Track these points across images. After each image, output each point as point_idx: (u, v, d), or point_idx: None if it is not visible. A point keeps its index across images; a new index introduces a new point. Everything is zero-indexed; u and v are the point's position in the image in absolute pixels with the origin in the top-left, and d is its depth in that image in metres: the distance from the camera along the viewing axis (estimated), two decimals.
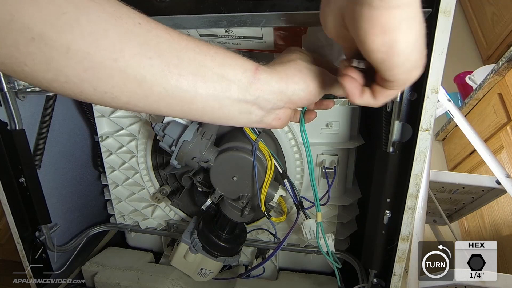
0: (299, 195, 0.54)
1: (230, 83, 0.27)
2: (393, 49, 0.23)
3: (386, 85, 0.27)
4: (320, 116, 0.53)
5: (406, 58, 0.24)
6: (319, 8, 0.28)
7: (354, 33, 0.24)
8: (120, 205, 0.71)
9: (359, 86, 0.29)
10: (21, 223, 0.57)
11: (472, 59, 1.80)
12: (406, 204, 0.43)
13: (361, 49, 0.25)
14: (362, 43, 0.23)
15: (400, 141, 0.42)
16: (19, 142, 0.53)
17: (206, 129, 0.50)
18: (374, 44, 0.23)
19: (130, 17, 0.23)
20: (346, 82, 0.28)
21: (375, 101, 0.29)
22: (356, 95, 0.29)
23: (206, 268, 0.60)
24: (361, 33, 0.23)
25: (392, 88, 0.28)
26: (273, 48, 0.42)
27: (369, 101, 0.29)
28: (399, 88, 0.28)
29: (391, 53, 0.23)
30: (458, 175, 0.79)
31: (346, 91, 0.28)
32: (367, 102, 0.29)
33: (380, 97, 0.29)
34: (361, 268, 0.59)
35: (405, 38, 0.23)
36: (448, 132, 1.53)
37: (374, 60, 0.24)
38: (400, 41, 0.22)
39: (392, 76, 0.25)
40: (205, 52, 0.26)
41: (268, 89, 0.28)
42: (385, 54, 0.23)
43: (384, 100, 0.30)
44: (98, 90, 0.23)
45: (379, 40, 0.23)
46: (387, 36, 0.22)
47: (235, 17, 0.36)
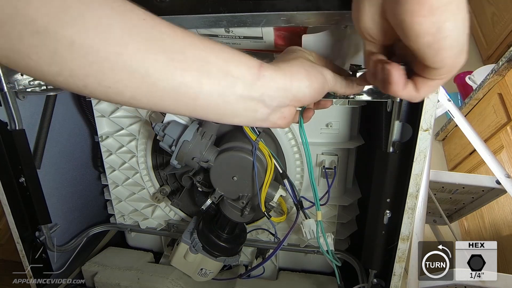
0: (298, 195, 0.54)
1: (235, 80, 0.26)
2: (442, 31, 0.22)
3: (430, 74, 0.26)
4: (320, 116, 0.53)
5: (455, 40, 0.23)
6: (319, 8, 0.28)
7: (398, 19, 0.23)
8: (120, 205, 0.71)
9: (404, 76, 0.28)
10: (21, 223, 0.57)
11: (472, 59, 1.80)
12: (406, 204, 0.43)
13: (405, 37, 0.24)
14: (408, 27, 0.23)
15: (400, 141, 0.42)
16: (19, 142, 0.53)
17: (206, 129, 0.50)
18: (422, 26, 0.22)
19: (135, 13, 0.23)
20: (394, 69, 0.27)
21: (417, 93, 0.28)
22: (400, 85, 0.27)
23: (206, 268, 0.60)
24: (407, 16, 0.22)
25: (436, 78, 0.27)
26: (273, 48, 0.42)
27: (411, 93, 0.28)
28: (443, 77, 0.27)
29: (439, 36, 0.22)
30: (458, 175, 0.79)
31: (391, 80, 0.27)
32: (409, 95, 0.28)
33: (423, 88, 0.28)
34: (361, 268, 0.59)
35: (455, 18, 0.22)
36: (448, 132, 1.53)
37: (421, 45, 0.23)
38: (449, 20, 0.22)
39: (439, 62, 0.24)
40: (210, 49, 0.26)
41: (273, 86, 0.28)
42: (433, 36, 0.22)
43: (427, 92, 0.28)
44: (102, 84, 0.23)
45: (427, 21, 0.22)
46: (436, 16, 0.22)
47: (235, 17, 0.36)
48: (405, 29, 0.23)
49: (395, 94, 0.28)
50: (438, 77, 0.27)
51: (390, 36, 0.27)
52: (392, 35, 0.27)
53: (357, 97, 0.40)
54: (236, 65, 0.27)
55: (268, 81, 0.28)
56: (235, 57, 0.27)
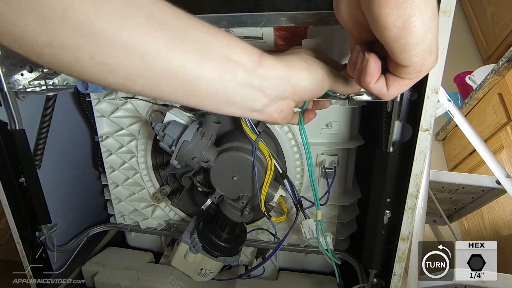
0: (298, 195, 0.54)
1: (236, 66, 0.26)
2: (408, 25, 0.22)
3: (400, 72, 0.27)
4: (320, 116, 0.53)
5: (421, 36, 0.23)
6: (319, 8, 0.28)
7: (367, 9, 0.24)
8: (120, 205, 0.71)
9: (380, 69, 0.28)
10: (21, 223, 0.57)
11: (472, 59, 1.80)
12: (406, 204, 0.43)
13: (375, 29, 0.24)
14: (376, 19, 0.23)
15: (400, 141, 0.42)
16: (19, 142, 0.53)
17: (206, 129, 0.50)
18: (388, 18, 0.22)
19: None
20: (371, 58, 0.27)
21: (387, 91, 0.29)
22: (374, 77, 0.28)
23: (206, 268, 0.60)
24: (375, 7, 0.23)
25: (405, 76, 0.27)
26: (273, 48, 0.42)
27: (382, 89, 0.29)
28: (412, 76, 0.27)
29: (405, 30, 0.23)
30: (458, 175, 0.79)
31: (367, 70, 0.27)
32: (379, 90, 0.29)
33: (393, 86, 0.28)
34: (361, 268, 0.59)
35: (421, 13, 0.22)
36: (448, 132, 1.53)
37: (388, 39, 0.24)
38: (415, 15, 0.22)
39: (406, 59, 0.25)
40: (212, 33, 0.25)
41: (274, 75, 0.28)
42: (399, 30, 0.23)
43: (396, 91, 0.29)
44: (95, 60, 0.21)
45: (393, 13, 0.22)
46: (401, 10, 0.22)
47: (235, 17, 0.36)
48: (373, 20, 0.24)
49: (367, 86, 0.28)
50: (407, 76, 0.27)
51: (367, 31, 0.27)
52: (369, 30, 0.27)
53: (357, 97, 0.40)
54: (238, 51, 0.26)
55: (268, 69, 0.27)
56: (237, 43, 0.26)
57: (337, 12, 0.28)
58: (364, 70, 0.28)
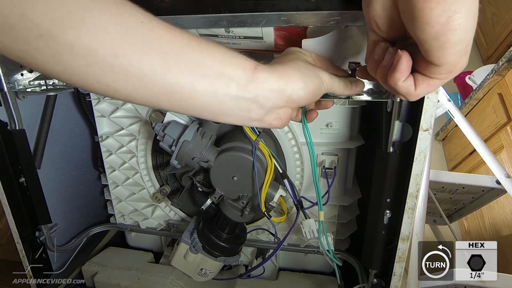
0: (298, 195, 0.54)
1: (229, 81, 0.27)
2: (452, 21, 0.22)
3: (431, 71, 0.26)
4: (320, 116, 0.53)
5: (462, 36, 0.22)
6: (319, 8, 0.28)
7: (410, 5, 0.23)
8: (120, 205, 0.71)
9: (410, 67, 0.27)
10: (21, 223, 0.57)
11: (472, 59, 1.80)
12: (406, 204, 0.43)
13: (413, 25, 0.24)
14: (418, 14, 0.23)
15: (400, 141, 0.42)
16: (19, 142, 0.53)
17: (206, 129, 0.50)
18: (432, 13, 0.22)
19: (133, 16, 0.24)
20: (404, 55, 0.26)
21: (415, 90, 0.28)
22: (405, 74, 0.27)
23: (206, 268, 0.60)
24: (419, 2, 0.22)
25: (436, 76, 0.26)
26: (273, 48, 0.42)
27: (409, 88, 0.28)
28: (443, 76, 0.26)
29: (448, 27, 0.22)
30: (458, 175, 0.79)
31: (398, 67, 0.27)
32: (407, 89, 0.28)
33: (421, 86, 0.28)
34: (361, 268, 0.59)
35: (466, 10, 0.21)
36: (448, 132, 1.53)
37: (428, 35, 0.23)
38: (461, 12, 0.21)
39: (442, 57, 0.24)
40: (206, 50, 0.26)
41: (267, 88, 0.28)
42: (442, 27, 0.22)
43: (424, 91, 0.28)
44: (101, 83, 0.24)
45: (438, 8, 0.21)
46: (447, 5, 0.21)
47: (235, 17, 0.36)
48: (415, 15, 0.23)
49: (395, 83, 0.28)
50: (438, 76, 0.27)
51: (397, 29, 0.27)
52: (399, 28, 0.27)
53: (357, 97, 0.40)
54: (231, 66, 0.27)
55: (262, 82, 0.28)
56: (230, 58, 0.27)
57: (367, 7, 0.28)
58: (394, 67, 0.27)
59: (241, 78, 0.27)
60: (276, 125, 0.32)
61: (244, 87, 0.28)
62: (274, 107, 0.30)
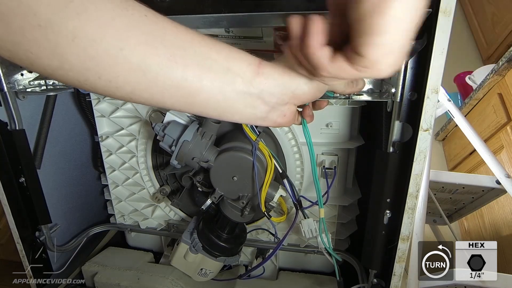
0: (298, 195, 0.54)
1: (235, 76, 0.27)
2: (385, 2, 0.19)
3: (350, 57, 0.23)
4: (320, 116, 0.53)
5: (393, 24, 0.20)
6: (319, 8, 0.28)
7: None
8: (120, 205, 0.71)
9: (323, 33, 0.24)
10: (21, 223, 0.57)
11: (472, 59, 1.80)
12: (406, 204, 0.43)
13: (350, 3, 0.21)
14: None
15: (400, 141, 0.42)
16: (19, 142, 0.53)
17: (206, 129, 0.50)
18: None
19: (137, 9, 0.23)
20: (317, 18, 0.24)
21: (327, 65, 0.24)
22: (315, 38, 0.24)
23: (206, 268, 0.60)
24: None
25: (352, 64, 0.23)
26: (273, 48, 0.42)
27: (321, 60, 0.24)
28: (359, 68, 0.23)
29: (380, 8, 0.19)
30: (458, 175, 0.79)
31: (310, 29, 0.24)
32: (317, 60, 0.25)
33: (335, 65, 0.24)
34: (361, 268, 0.59)
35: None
36: (448, 132, 1.53)
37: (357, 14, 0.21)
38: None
39: (364, 45, 0.21)
40: (211, 46, 0.26)
41: (272, 83, 0.28)
42: (373, 6, 0.20)
43: (336, 71, 0.25)
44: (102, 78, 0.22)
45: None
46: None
47: (235, 17, 0.36)
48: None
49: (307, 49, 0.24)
50: (354, 66, 0.24)
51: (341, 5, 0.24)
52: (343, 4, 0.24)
53: (357, 97, 0.40)
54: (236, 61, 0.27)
55: (266, 77, 0.28)
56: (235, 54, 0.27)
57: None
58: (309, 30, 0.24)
59: (246, 73, 0.27)
60: (280, 123, 0.32)
61: (250, 82, 0.27)
62: (279, 103, 0.30)
